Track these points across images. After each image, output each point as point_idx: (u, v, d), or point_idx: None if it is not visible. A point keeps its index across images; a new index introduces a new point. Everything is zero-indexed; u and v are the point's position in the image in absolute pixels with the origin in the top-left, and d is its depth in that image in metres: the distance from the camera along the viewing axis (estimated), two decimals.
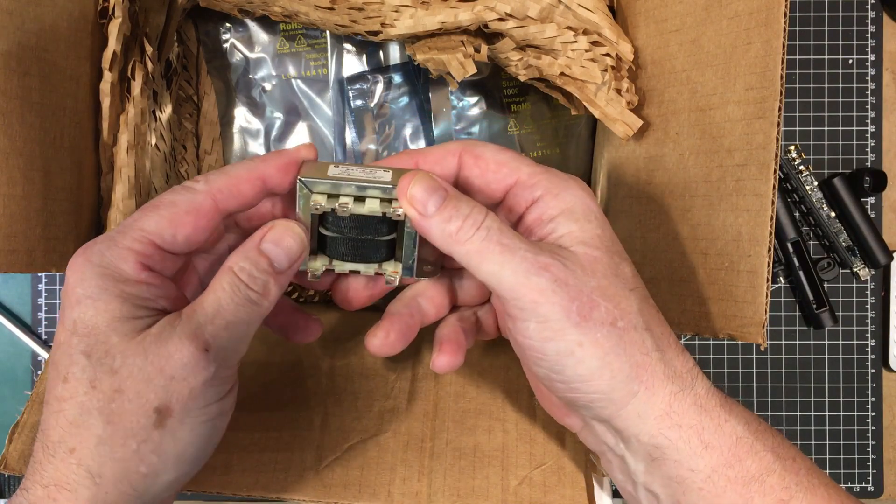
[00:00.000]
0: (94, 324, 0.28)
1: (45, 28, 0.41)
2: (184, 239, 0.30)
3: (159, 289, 0.30)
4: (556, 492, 0.40)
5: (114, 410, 0.27)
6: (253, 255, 0.30)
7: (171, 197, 0.30)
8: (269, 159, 0.32)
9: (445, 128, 0.54)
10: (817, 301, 0.58)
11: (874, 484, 0.59)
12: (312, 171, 0.32)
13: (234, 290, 0.29)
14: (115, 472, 0.28)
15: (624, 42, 0.44)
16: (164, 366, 0.28)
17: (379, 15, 0.43)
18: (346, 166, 0.32)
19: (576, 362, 0.30)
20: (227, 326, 0.29)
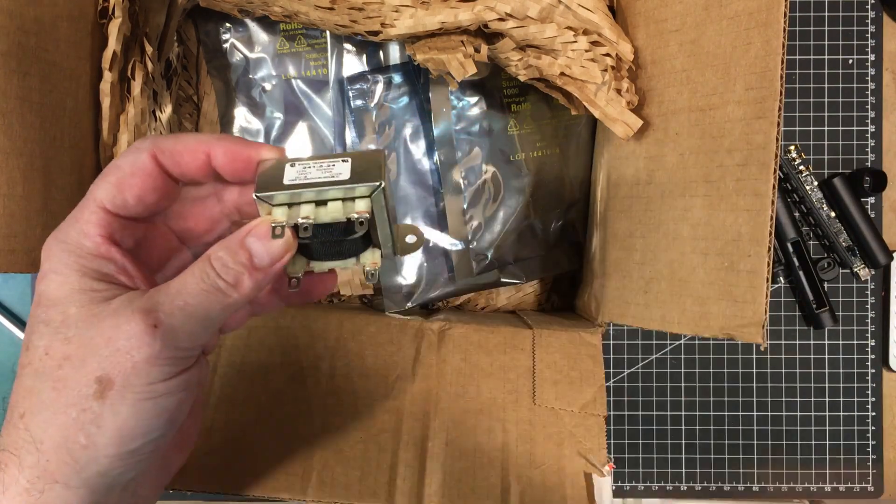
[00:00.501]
0: (56, 295, 0.28)
1: (45, 28, 0.41)
2: (134, 200, 0.30)
3: (120, 264, 0.30)
4: (555, 491, 0.40)
5: (59, 377, 0.28)
6: (233, 247, 0.29)
7: (117, 161, 0.30)
8: (223, 140, 0.31)
9: (445, 128, 0.54)
10: (817, 301, 0.58)
11: (874, 484, 0.59)
12: (267, 180, 0.30)
13: (202, 276, 0.29)
14: (54, 439, 0.28)
15: (624, 42, 0.44)
16: (112, 336, 0.28)
17: (379, 15, 0.43)
18: (303, 164, 0.30)
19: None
20: (185, 307, 0.28)
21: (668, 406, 0.59)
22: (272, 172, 0.30)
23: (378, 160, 0.30)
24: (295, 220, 0.29)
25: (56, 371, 0.28)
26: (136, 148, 0.30)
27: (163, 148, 0.30)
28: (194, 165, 0.31)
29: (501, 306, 0.59)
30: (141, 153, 0.30)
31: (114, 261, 0.29)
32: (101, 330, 0.28)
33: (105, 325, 0.28)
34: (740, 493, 0.59)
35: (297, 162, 0.30)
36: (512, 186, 0.55)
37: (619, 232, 0.47)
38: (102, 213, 0.29)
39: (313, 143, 0.56)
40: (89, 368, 0.28)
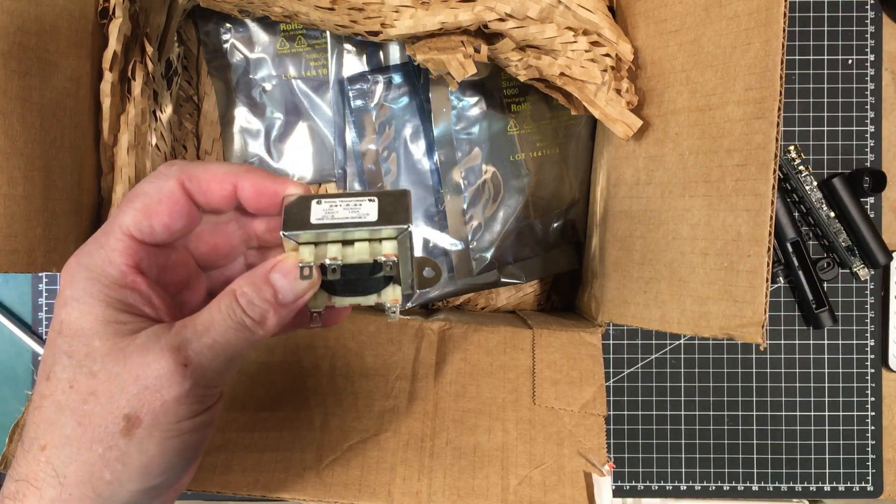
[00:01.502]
0: (79, 325, 0.28)
1: (46, 28, 0.41)
2: (161, 228, 0.30)
3: (145, 294, 0.29)
4: (555, 491, 0.40)
5: (85, 412, 0.27)
6: (258, 283, 0.29)
7: (143, 187, 0.30)
8: (251, 173, 0.30)
9: (445, 128, 0.54)
10: (817, 301, 0.58)
11: (874, 484, 0.59)
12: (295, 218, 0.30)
13: (229, 312, 0.28)
14: (78, 475, 0.27)
15: (624, 42, 0.44)
16: (140, 374, 0.27)
17: (379, 15, 0.43)
18: (329, 202, 0.30)
19: None
20: (213, 346, 0.28)
21: (668, 406, 0.59)
22: (299, 209, 0.30)
23: (405, 202, 0.30)
24: (322, 260, 0.29)
25: (81, 406, 0.27)
26: (164, 174, 0.30)
27: (191, 175, 0.30)
28: (220, 196, 0.30)
29: (501, 306, 0.59)
30: (168, 179, 0.29)
31: (139, 291, 0.29)
32: (129, 367, 0.27)
33: (133, 362, 0.27)
34: (740, 493, 0.59)
35: (323, 199, 0.30)
36: (512, 186, 0.55)
37: (619, 232, 0.47)
38: (129, 241, 0.29)
39: (313, 144, 0.56)
40: (117, 405, 0.27)
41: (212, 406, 0.30)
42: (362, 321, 0.47)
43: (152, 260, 0.30)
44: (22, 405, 0.39)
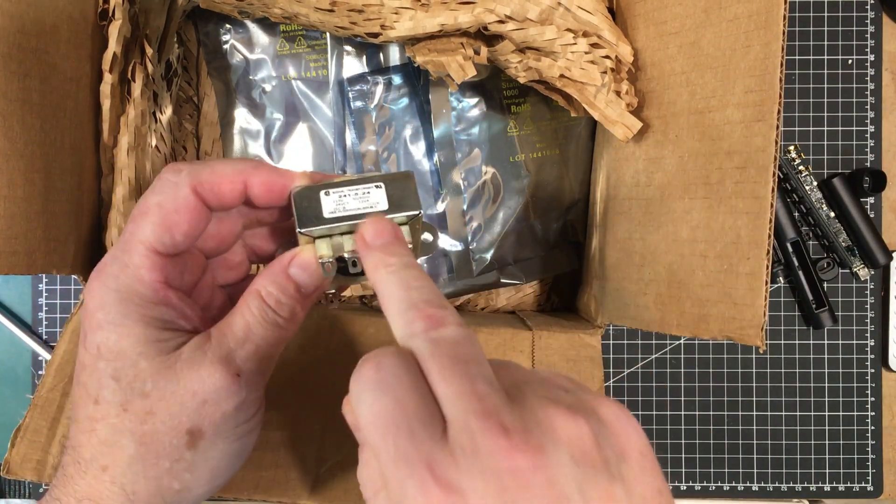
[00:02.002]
0: (120, 348, 0.28)
1: (46, 30, 0.41)
2: (183, 238, 0.30)
3: (179, 308, 0.30)
4: None
5: (146, 432, 0.28)
6: (281, 280, 0.30)
7: (156, 199, 0.29)
8: (259, 170, 0.30)
9: (445, 129, 0.54)
10: (817, 301, 0.58)
11: (874, 484, 0.59)
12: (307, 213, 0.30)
13: (262, 315, 0.29)
14: (148, 489, 0.28)
15: (623, 44, 0.44)
16: (197, 390, 0.28)
17: (378, 17, 0.43)
18: (338, 191, 0.30)
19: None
20: (257, 351, 0.29)
21: (668, 406, 0.59)
22: (309, 202, 0.30)
23: (411, 185, 0.31)
24: (340, 253, 0.30)
25: (140, 426, 0.28)
26: (174, 183, 0.29)
27: (202, 180, 0.30)
28: (232, 197, 0.30)
29: (501, 307, 0.59)
30: (181, 188, 0.29)
31: (173, 306, 0.29)
32: (183, 384, 0.28)
33: (185, 379, 0.28)
34: (740, 493, 0.59)
35: (331, 190, 0.30)
36: (512, 187, 0.55)
37: (619, 233, 0.47)
38: (154, 257, 0.29)
39: (313, 144, 0.56)
40: (179, 422, 0.28)
41: (260, 407, 0.31)
42: (362, 322, 0.47)
43: (175, 269, 0.30)
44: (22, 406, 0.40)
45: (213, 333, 0.29)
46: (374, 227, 0.29)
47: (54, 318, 0.58)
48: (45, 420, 0.39)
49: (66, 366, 0.41)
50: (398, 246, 0.28)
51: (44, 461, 0.38)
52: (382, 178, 0.31)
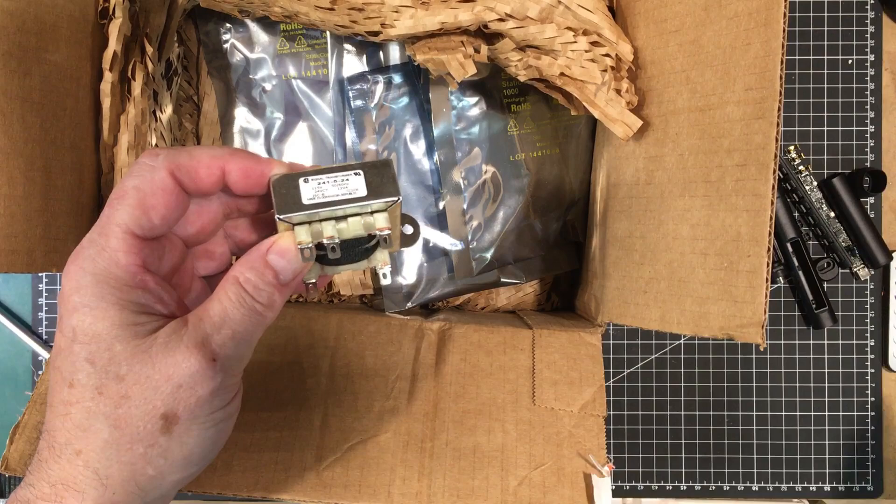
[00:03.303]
0: (95, 331, 0.28)
1: (46, 29, 0.41)
2: (160, 221, 0.30)
3: (155, 292, 0.30)
4: (555, 492, 0.40)
5: (120, 416, 0.28)
6: (259, 267, 0.30)
7: (133, 182, 0.29)
8: (236, 156, 0.31)
9: (445, 128, 0.54)
10: (817, 301, 0.58)
11: (874, 484, 0.59)
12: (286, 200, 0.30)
13: (240, 301, 0.29)
14: (122, 474, 0.28)
15: (623, 42, 0.44)
16: (172, 374, 0.28)
17: (379, 15, 0.43)
18: (317, 179, 0.30)
19: None
20: (234, 336, 0.29)
21: (668, 406, 0.59)
22: (288, 189, 0.30)
23: (390, 172, 0.31)
24: (319, 239, 0.30)
25: (115, 410, 0.28)
26: (151, 166, 0.29)
27: (179, 164, 0.30)
28: (209, 182, 0.31)
29: (501, 306, 0.59)
30: (158, 171, 0.29)
31: (149, 290, 0.29)
32: (158, 367, 0.28)
33: (161, 363, 0.28)
34: (740, 492, 0.59)
35: (310, 177, 0.30)
36: (512, 186, 0.55)
37: (619, 232, 0.47)
38: (131, 239, 0.29)
39: (313, 144, 0.56)
40: (153, 406, 0.28)
41: (237, 394, 0.31)
42: (362, 321, 0.47)
43: (153, 254, 0.30)
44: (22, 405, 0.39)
45: (190, 318, 0.29)
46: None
47: (54, 317, 0.58)
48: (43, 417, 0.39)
49: None
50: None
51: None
52: (361, 165, 0.31)
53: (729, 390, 0.59)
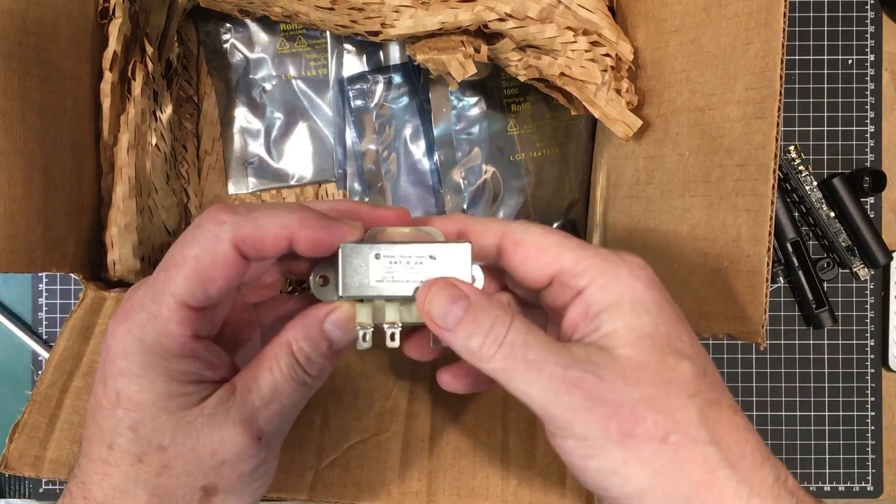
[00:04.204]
0: (140, 400, 0.27)
1: (46, 28, 0.41)
2: (216, 293, 0.28)
3: (205, 360, 0.29)
4: (555, 492, 0.40)
5: (160, 485, 0.27)
6: (314, 336, 0.29)
7: (194, 251, 0.28)
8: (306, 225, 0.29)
9: (445, 128, 0.54)
10: (817, 301, 0.58)
11: (874, 484, 0.59)
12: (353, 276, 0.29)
13: (290, 373, 0.28)
14: None
15: (624, 42, 0.44)
16: (217, 450, 0.28)
17: (379, 15, 0.43)
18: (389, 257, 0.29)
19: (622, 481, 0.27)
20: (281, 411, 0.28)
21: None
22: (357, 264, 0.29)
23: (467, 258, 0.30)
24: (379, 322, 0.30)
25: (155, 478, 0.27)
26: (214, 236, 0.28)
27: (245, 236, 0.28)
28: (275, 252, 0.29)
29: None
30: (221, 243, 0.27)
31: (199, 358, 0.28)
32: (203, 442, 0.27)
33: (205, 438, 0.27)
34: None
35: (382, 254, 0.30)
36: (512, 186, 0.55)
37: (619, 232, 0.47)
38: (185, 311, 0.27)
39: (313, 144, 0.56)
40: (193, 479, 0.28)
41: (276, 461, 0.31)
42: None
43: (206, 318, 0.29)
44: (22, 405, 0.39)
45: (238, 388, 0.28)
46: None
47: (54, 317, 0.58)
48: (43, 416, 0.39)
49: (65, 362, 0.41)
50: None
51: (42, 457, 0.38)
52: (439, 247, 0.30)
53: (729, 390, 0.59)
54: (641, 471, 0.27)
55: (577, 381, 0.27)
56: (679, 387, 0.27)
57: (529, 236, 0.30)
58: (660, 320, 0.28)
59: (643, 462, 0.27)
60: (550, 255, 0.30)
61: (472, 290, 0.29)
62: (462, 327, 0.28)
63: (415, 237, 0.31)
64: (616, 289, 0.29)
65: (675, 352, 0.28)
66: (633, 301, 0.28)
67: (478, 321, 0.28)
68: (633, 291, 0.29)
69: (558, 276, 0.30)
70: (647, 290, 0.29)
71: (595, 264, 0.29)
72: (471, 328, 0.28)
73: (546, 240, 0.30)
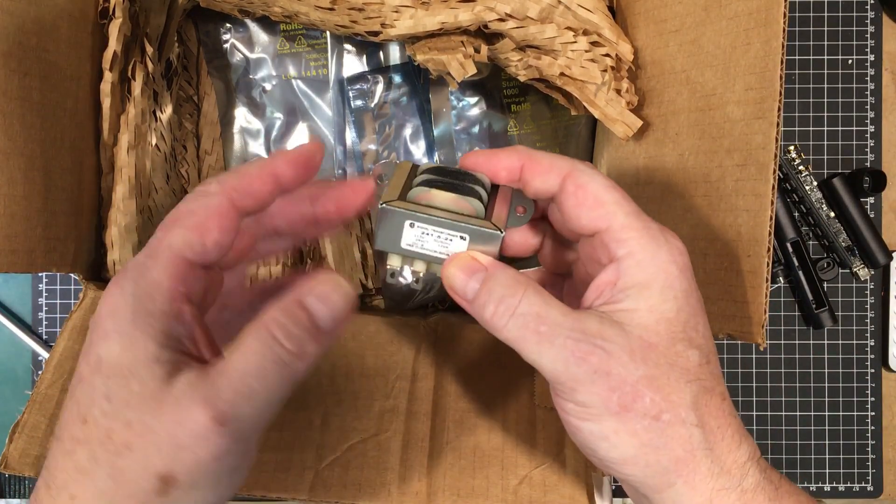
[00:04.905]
0: (119, 363, 0.26)
1: (46, 28, 0.41)
2: (212, 244, 0.28)
3: (189, 327, 0.28)
4: (555, 491, 0.40)
5: (118, 467, 0.26)
6: (292, 308, 0.27)
7: (188, 206, 0.28)
8: (278, 156, 0.30)
9: (445, 128, 0.54)
10: (817, 301, 0.58)
11: (874, 484, 0.59)
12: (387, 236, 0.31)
13: (264, 348, 0.26)
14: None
15: (624, 42, 0.44)
16: (174, 433, 0.26)
17: (379, 15, 0.43)
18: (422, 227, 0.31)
19: (609, 447, 0.29)
20: (251, 394, 0.26)
21: None
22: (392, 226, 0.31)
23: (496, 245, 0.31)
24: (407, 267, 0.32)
25: (115, 459, 0.26)
26: (205, 192, 0.28)
27: (233, 186, 0.29)
28: (265, 191, 0.29)
29: None
30: (212, 196, 0.28)
31: (184, 323, 0.27)
32: (164, 422, 0.26)
33: (167, 417, 0.26)
34: None
35: (417, 223, 0.31)
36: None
37: None
38: (179, 263, 0.27)
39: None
40: (151, 463, 0.26)
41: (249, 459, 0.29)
42: (362, 321, 0.47)
43: (198, 284, 0.29)
44: (22, 405, 0.39)
45: (211, 373, 0.26)
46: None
47: (54, 318, 0.58)
48: (43, 416, 0.39)
49: (65, 362, 0.41)
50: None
51: (42, 457, 0.38)
52: (471, 231, 0.31)
53: (729, 390, 0.59)
54: (629, 441, 0.29)
55: (586, 354, 0.28)
56: (680, 372, 0.29)
57: (593, 185, 0.31)
58: (683, 307, 0.30)
59: (633, 434, 0.29)
60: (605, 210, 0.30)
61: (490, 262, 0.31)
62: (478, 297, 0.30)
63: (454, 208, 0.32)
64: (651, 269, 0.30)
65: (686, 340, 0.30)
66: (664, 285, 0.30)
67: (491, 292, 0.30)
68: (666, 275, 0.30)
69: (603, 233, 0.31)
70: (680, 275, 0.30)
71: (639, 237, 0.30)
72: (484, 298, 0.30)
73: (606, 195, 0.31)
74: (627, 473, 0.30)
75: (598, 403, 0.29)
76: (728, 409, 0.31)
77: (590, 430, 0.29)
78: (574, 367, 0.28)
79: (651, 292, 0.30)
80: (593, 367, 0.28)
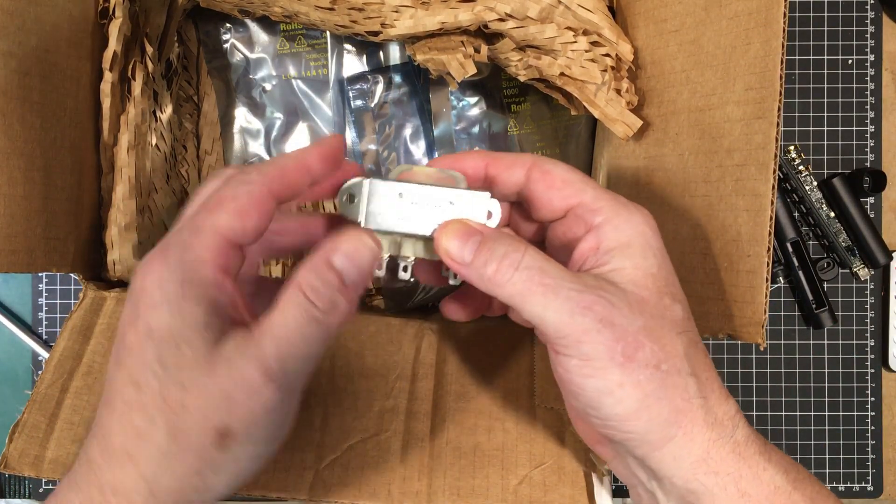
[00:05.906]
0: (170, 329, 0.27)
1: (46, 28, 0.41)
2: (252, 228, 0.29)
3: (231, 296, 0.29)
4: (555, 491, 0.40)
5: (176, 424, 0.27)
6: (321, 268, 0.29)
7: (230, 191, 0.29)
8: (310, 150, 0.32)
9: (445, 128, 0.54)
10: (817, 301, 0.58)
11: (874, 484, 0.59)
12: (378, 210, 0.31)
13: (299, 309, 0.28)
14: (171, 486, 0.28)
15: (624, 42, 0.44)
16: (229, 389, 0.27)
17: (379, 15, 0.43)
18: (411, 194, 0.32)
19: (614, 402, 0.30)
20: (295, 352, 0.28)
21: None
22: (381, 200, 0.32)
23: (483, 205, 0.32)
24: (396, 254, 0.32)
25: (173, 418, 0.27)
26: (246, 180, 0.30)
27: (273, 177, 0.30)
28: (301, 182, 0.31)
29: None
30: (254, 185, 0.30)
31: (227, 293, 0.29)
32: (217, 380, 0.27)
33: (221, 377, 0.27)
34: None
35: (405, 191, 0.32)
36: None
37: None
38: (222, 243, 0.29)
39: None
40: (208, 419, 0.27)
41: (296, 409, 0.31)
42: (362, 321, 0.47)
43: (236, 261, 0.30)
44: (22, 405, 0.39)
45: (255, 333, 0.28)
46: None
47: (54, 318, 0.58)
48: (43, 416, 0.39)
49: (65, 362, 0.41)
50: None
51: (41, 456, 0.38)
52: (459, 194, 0.32)
53: (729, 390, 0.59)
54: (633, 393, 0.30)
55: (590, 303, 0.29)
56: (671, 323, 0.31)
57: (558, 169, 0.33)
58: (663, 264, 0.32)
59: (637, 385, 0.30)
60: (574, 188, 0.33)
61: (484, 227, 0.32)
62: (478, 257, 0.31)
63: (438, 180, 0.33)
64: (629, 231, 0.32)
65: (671, 294, 0.32)
66: (643, 244, 0.31)
67: (492, 250, 0.31)
68: (643, 235, 0.32)
69: (576, 208, 0.33)
70: (654, 235, 0.32)
71: (612, 205, 0.32)
72: (486, 256, 0.31)
73: (572, 175, 0.33)
74: (629, 430, 0.31)
75: (603, 355, 0.29)
76: (711, 366, 0.32)
77: (594, 386, 0.30)
78: (580, 316, 0.29)
79: (633, 251, 0.31)
80: (598, 315, 0.29)
